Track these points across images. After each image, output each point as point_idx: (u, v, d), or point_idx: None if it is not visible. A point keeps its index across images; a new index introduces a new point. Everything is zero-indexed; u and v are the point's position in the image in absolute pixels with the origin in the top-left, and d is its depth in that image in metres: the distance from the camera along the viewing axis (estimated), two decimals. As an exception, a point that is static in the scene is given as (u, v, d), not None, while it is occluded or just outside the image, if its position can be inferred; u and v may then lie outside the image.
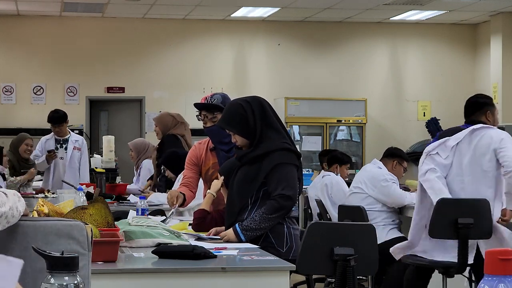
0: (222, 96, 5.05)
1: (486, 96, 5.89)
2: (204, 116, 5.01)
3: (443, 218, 5.32)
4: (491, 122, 5.67)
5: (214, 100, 4.99)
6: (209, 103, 4.99)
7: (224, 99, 5.01)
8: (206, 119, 5.00)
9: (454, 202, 5.41)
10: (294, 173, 4.23)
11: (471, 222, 5.26)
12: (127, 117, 14.07)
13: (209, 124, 4.99)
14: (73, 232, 2.26)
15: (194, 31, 13.82)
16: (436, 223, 5.35)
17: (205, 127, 5.03)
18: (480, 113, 5.72)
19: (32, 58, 13.47)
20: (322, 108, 13.53)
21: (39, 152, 9.17)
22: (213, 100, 5.00)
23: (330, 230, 4.05)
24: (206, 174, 5.09)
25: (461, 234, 5.27)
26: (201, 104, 5.04)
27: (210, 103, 4.99)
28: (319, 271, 4.58)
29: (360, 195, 7.07)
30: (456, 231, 5.28)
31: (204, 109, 5.02)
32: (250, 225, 4.13)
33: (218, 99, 5.00)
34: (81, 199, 5.09)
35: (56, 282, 1.76)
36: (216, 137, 4.98)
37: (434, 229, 5.37)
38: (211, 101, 5.00)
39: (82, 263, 2.13)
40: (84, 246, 2.27)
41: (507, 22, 13.23)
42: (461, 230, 5.26)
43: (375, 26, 14.24)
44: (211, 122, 4.98)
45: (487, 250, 1.56)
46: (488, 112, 5.71)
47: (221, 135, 4.90)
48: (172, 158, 7.09)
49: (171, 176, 7.10)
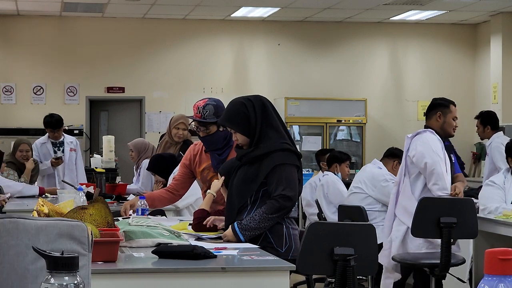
0: (214, 106, 4.94)
1: (444, 99, 5.94)
2: (197, 127, 5.00)
3: (426, 217, 5.32)
4: (439, 123, 5.78)
5: (206, 113, 4.91)
6: (201, 118, 4.93)
7: (217, 108, 4.93)
8: (199, 130, 4.98)
9: (437, 201, 5.43)
10: (294, 173, 4.24)
11: (454, 221, 5.25)
12: (127, 117, 14.07)
13: (202, 134, 4.98)
14: (74, 232, 2.26)
15: (194, 31, 13.82)
16: (418, 223, 5.36)
17: (200, 136, 5.04)
18: (431, 115, 5.86)
19: (32, 58, 13.47)
20: (322, 108, 13.53)
21: (36, 157, 9.11)
22: (206, 113, 4.91)
23: (330, 230, 4.05)
24: (201, 175, 5.11)
25: (444, 234, 5.27)
26: (193, 119, 5.01)
27: (203, 117, 4.93)
28: (319, 271, 4.58)
29: (360, 195, 7.07)
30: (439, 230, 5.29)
31: (196, 122, 5.00)
32: (250, 224, 4.13)
33: (210, 110, 4.92)
34: (81, 199, 5.08)
35: (56, 282, 1.76)
36: (211, 145, 5.00)
37: (416, 228, 5.38)
38: (204, 113, 4.91)
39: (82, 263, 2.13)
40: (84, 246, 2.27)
41: (507, 22, 13.23)
42: (444, 229, 5.26)
43: (375, 26, 14.24)
44: (204, 133, 4.97)
45: (487, 250, 1.56)
46: (438, 114, 5.80)
47: (216, 143, 4.93)
48: (157, 161, 7.11)
49: (160, 180, 7.11)
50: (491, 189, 6.09)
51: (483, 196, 6.08)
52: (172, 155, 7.36)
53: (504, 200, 6.00)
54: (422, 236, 5.50)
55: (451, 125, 5.81)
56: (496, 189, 6.06)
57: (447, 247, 5.25)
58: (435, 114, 5.80)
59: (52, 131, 9.15)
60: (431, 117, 5.83)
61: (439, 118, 5.79)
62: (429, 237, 5.48)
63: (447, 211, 5.29)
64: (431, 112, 5.86)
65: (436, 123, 5.79)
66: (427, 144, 5.59)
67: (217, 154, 4.98)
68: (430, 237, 5.47)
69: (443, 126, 5.77)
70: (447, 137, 5.82)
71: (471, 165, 14.11)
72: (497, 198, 5.98)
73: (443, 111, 5.79)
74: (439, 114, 5.78)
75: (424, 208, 5.32)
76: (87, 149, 13.46)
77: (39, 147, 9.21)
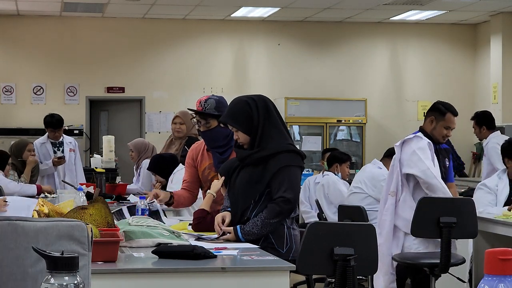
0: (216, 100, 4.97)
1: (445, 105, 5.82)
2: (197, 121, 5.00)
3: (425, 217, 5.32)
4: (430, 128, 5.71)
5: (207, 106, 4.93)
6: (202, 110, 4.95)
7: (219, 103, 4.95)
8: (200, 124, 4.98)
9: (437, 201, 5.42)
10: (299, 175, 4.26)
11: (454, 221, 5.25)
12: (127, 117, 14.07)
13: (203, 129, 4.98)
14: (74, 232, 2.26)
15: (194, 31, 13.82)
16: (418, 222, 5.35)
17: (200, 131, 5.03)
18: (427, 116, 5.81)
19: (32, 58, 13.47)
20: (322, 108, 13.53)
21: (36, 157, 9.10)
22: (207, 106, 4.93)
23: (330, 230, 4.05)
24: (202, 174, 5.11)
25: (443, 233, 5.27)
26: (194, 110, 5.01)
27: (203, 109, 4.94)
28: (319, 271, 4.58)
29: (360, 195, 7.07)
30: (439, 230, 5.29)
31: (197, 114, 5.00)
32: (252, 230, 4.14)
33: (211, 104, 4.93)
34: (81, 199, 5.09)
35: (56, 282, 1.76)
36: (211, 142, 4.99)
37: (416, 228, 5.38)
38: (205, 106, 4.93)
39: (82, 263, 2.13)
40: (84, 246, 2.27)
41: (507, 22, 13.23)
42: (444, 229, 5.25)
43: (375, 26, 14.24)
44: (205, 127, 4.97)
45: (487, 250, 1.56)
46: (431, 118, 5.74)
47: (216, 140, 4.92)
48: (157, 161, 7.11)
49: (160, 180, 7.11)
50: (481, 192, 6.14)
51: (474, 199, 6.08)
52: (172, 155, 7.35)
53: (493, 203, 6.02)
54: (422, 236, 5.50)
55: (441, 134, 5.70)
56: (485, 192, 6.10)
57: (447, 247, 5.25)
58: (429, 117, 5.76)
59: (53, 131, 9.15)
60: (426, 118, 5.80)
61: (431, 122, 5.73)
62: (429, 237, 5.47)
63: (447, 211, 5.29)
64: (427, 114, 5.81)
65: (428, 126, 5.74)
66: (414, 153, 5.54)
67: (218, 153, 4.97)
68: (430, 237, 5.47)
69: (432, 132, 5.70)
70: (435, 143, 5.71)
71: (471, 165, 14.11)
72: (484, 201, 6.00)
73: (437, 117, 5.71)
74: (432, 119, 5.72)
75: (423, 208, 5.32)
76: (87, 149, 13.46)
77: (38, 147, 9.20)
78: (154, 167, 7.14)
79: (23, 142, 8.95)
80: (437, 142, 5.72)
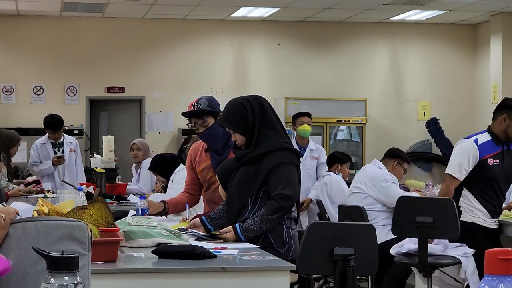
0: (207, 99, 5.02)
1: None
2: (194, 123, 5.01)
3: (403, 216, 5.37)
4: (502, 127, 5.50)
5: (200, 106, 4.97)
6: (196, 109, 4.97)
7: (210, 101, 5.00)
8: (197, 125, 4.99)
9: (413, 200, 5.47)
10: (294, 173, 4.24)
11: (430, 221, 5.25)
12: (127, 117, 14.06)
13: (201, 129, 4.99)
14: (75, 232, 2.26)
15: (194, 31, 13.82)
16: (397, 221, 5.45)
17: (198, 133, 5.04)
18: (495, 117, 5.56)
19: (32, 58, 13.47)
20: (322, 108, 13.52)
21: (36, 157, 9.07)
22: (200, 106, 4.97)
23: (330, 230, 4.06)
24: (201, 174, 5.12)
25: (419, 233, 5.29)
26: (188, 112, 5.03)
27: (197, 108, 4.97)
28: (319, 271, 4.59)
29: (360, 195, 7.07)
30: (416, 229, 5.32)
31: (192, 116, 5.01)
32: (251, 226, 4.14)
33: (204, 103, 4.97)
34: (81, 199, 5.09)
35: (56, 282, 1.76)
36: (211, 142, 5.00)
37: (395, 228, 5.49)
38: (198, 106, 4.97)
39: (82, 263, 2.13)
40: (84, 246, 2.27)
41: (507, 22, 13.23)
42: (420, 228, 5.27)
43: (375, 26, 14.24)
44: (202, 128, 4.97)
45: (487, 250, 1.56)
46: (503, 116, 5.49)
47: (217, 137, 4.93)
48: (158, 161, 7.12)
49: (161, 180, 7.12)
50: None
51: None
52: (173, 155, 7.38)
53: None
54: (401, 235, 5.59)
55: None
56: None
57: (423, 246, 5.28)
58: (500, 116, 5.49)
59: (52, 132, 9.10)
60: (496, 117, 5.51)
61: (503, 120, 5.47)
62: (407, 236, 5.55)
63: (423, 211, 5.32)
64: (497, 112, 5.53)
65: (499, 125, 5.49)
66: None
67: (216, 154, 4.99)
68: (407, 236, 5.55)
69: (506, 130, 5.46)
70: (508, 141, 5.48)
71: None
72: None
73: (510, 114, 5.46)
74: (504, 117, 5.47)
75: (401, 207, 5.42)
76: (87, 149, 13.46)
77: (39, 148, 9.15)
78: (155, 167, 7.14)
79: (16, 138, 8.73)
80: (509, 141, 5.49)
